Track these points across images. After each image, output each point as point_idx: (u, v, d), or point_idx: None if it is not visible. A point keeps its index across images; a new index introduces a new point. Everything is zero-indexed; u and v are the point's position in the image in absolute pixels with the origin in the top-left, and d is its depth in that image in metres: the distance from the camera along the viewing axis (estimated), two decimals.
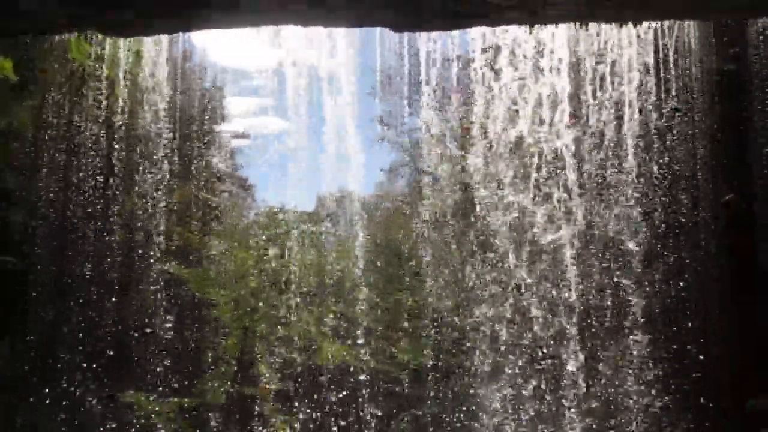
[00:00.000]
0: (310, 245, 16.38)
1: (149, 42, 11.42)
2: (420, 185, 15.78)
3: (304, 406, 14.88)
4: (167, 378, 13.90)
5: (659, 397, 10.81)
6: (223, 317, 15.74)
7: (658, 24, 10.60)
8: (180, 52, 13.50)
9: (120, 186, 12.96)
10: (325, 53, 10.91)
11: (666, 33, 10.79)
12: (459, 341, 13.75)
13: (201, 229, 16.16)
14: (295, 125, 12.61)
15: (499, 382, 11.64)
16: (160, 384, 13.77)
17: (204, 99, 15.87)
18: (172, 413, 14.01)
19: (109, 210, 12.95)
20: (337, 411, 15.01)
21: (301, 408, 14.87)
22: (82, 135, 12.33)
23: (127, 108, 12.37)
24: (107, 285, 12.84)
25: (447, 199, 14.25)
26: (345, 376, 15.23)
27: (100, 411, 12.85)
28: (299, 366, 15.11)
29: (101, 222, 12.84)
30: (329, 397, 15.02)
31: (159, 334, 13.69)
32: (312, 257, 16.09)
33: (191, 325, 15.28)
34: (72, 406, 12.43)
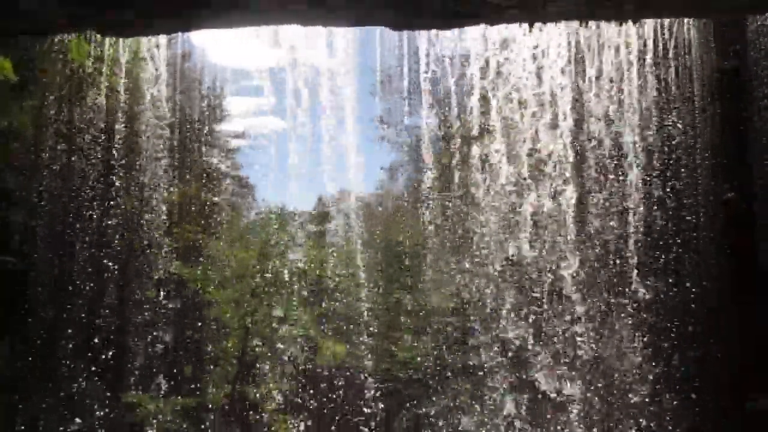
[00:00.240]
0: (310, 245, 16.37)
1: (149, 42, 11.40)
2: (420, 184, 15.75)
3: (304, 405, 14.88)
4: (168, 377, 13.90)
5: (659, 397, 10.81)
6: (224, 317, 15.73)
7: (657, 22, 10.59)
8: (179, 51, 13.49)
9: (120, 186, 12.95)
10: (325, 53, 10.89)
11: (666, 31, 10.77)
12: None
13: (201, 229, 16.15)
14: (295, 125, 12.58)
15: None
16: (160, 383, 13.77)
17: (204, 99, 15.85)
18: (172, 413, 14.01)
19: (109, 209, 12.94)
20: (337, 410, 15.02)
21: (302, 407, 14.87)
22: (82, 135, 12.32)
23: (127, 108, 12.36)
24: (107, 284, 12.83)
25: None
26: (345, 375, 15.25)
27: (100, 410, 12.85)
28: (299, 365, 15.11)
29: (101, 222, 12.83)
30: (329, 396, 15.03)
31: (159, 333, 13.69)
32: (312, 257, 16.08)
33: (192, 325, 15.28)
34: (72, 405, 12.43)
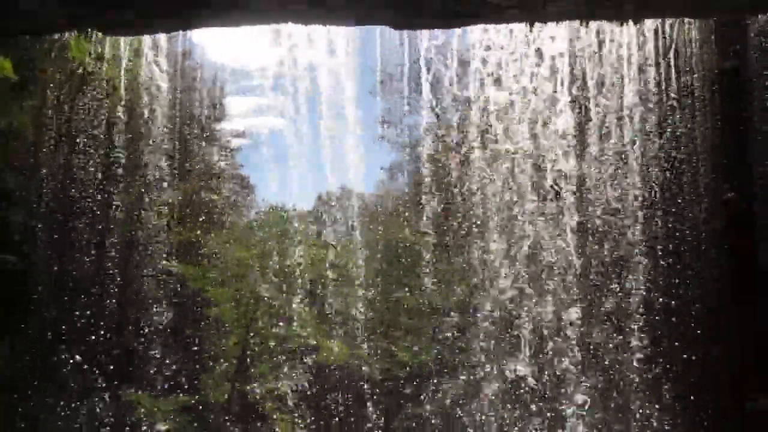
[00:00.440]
0: (310, 244, 16.36)
1: (149, 41, 11.39)
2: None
3: (303, 404, 14.89)
4: (168, 376, 13.90)
5: (660, 397, 10.80)
6: (224, 316, 15.73)
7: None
8: (180, 50, 13.47)
9: (120, 185, 12.95)
10: (325, 52, 10.86)
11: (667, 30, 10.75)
12: None
13: (201, 228, 16.15)
14: (295, 124, 12.57)
15: None
16: (161, 382, 13.78)
17: (204, 98, 15.85)
18: (172, 411, 14.02)
19: (110, 209, 12.94)
20: (338, 409, 15.03)
21: (301, 406, 14.88)
22: (82, 134, 12.32)
23: (127, 106, 12.35)
24: (108, 284, 12.83)
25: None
26: (345, 374, 15.25)
27: (101, 410, 12.86)
28: (299, 364, 15.11)
29: (101, 221, 12.83)
30: (329, 395, 15.04)
31: (160, 332, 13.69)
32: (312, 256, 16.07)
33: (192, 324, 15.29)
34: (73, 405, 12.43)
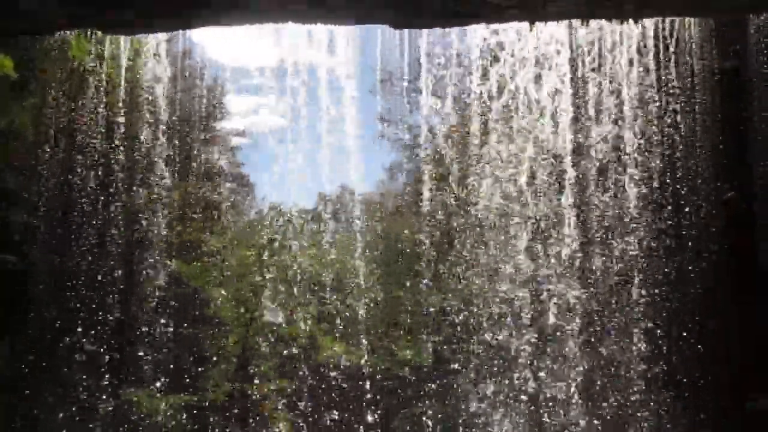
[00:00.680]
0: (310, 243, 16.35)
1: (150, 41, 11.40)
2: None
3: (303, 403, 14.88)
4: (168, 376, 13.90)
5: (660, 396, 10.81)
6: (224, 315, 15.72)
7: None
8: (180, 49, 13.46)
9: (120, 185, 12.94)
10: (326, 51, 10.86)
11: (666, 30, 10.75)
12: None
13: (201, 227, 16.13)
14: (296, 123, 12.57)
15: None
16: (160, 381, 13.77)
17: (204, 97, 15.83)
18: (172, 410, 14.01)
19: (110, 208, 12.93)
20: (338, 408, 15.01)
21: (301, 405, 14.87)
22: (82, 134, 12.32)
23: (127, 105, 12.36)
24: (108, 284, 12.83)
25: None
26: (345, 374, 15.23)
27: (101, 409, 12.86)
28: (299, 364, 15.10)
29: (101, 221, 12.82)
30: (329, 395, 15.02)
31: (160, 331, 13.68)
32: (312, 255, 16.06)
33: (192, 323, 15.27)
34: (73, 404, 12.43)
